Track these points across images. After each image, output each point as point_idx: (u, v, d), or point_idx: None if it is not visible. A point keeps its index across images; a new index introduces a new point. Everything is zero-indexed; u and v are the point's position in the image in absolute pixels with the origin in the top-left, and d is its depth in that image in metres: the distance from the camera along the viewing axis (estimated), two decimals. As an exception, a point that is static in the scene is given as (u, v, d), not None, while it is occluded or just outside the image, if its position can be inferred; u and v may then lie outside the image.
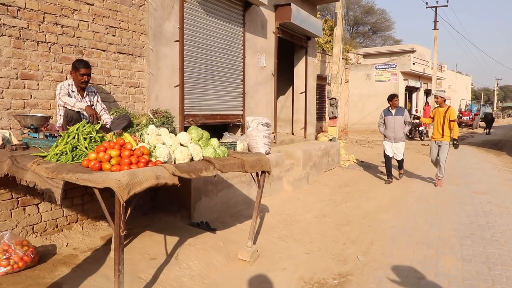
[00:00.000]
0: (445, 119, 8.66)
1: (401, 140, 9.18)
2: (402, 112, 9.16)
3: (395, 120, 9.13)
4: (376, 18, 48.92)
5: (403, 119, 9.13)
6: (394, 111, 9.17)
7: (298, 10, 9.55)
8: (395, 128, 9.12)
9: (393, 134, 9.15)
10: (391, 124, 9.17)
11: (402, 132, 9.12)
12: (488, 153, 16.04)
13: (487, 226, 5.97)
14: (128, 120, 4.53)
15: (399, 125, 9.12)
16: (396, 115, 9.14)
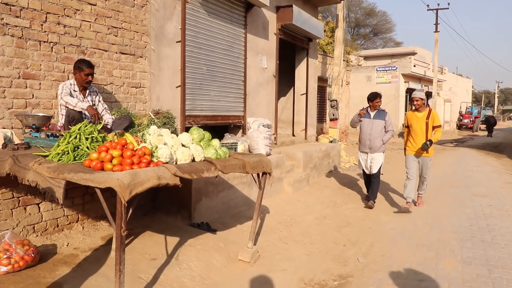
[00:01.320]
0: (428, 126, 6.90)
1: (378, 150, 7.30)
2: (383, 116, 7.34)
3: (373, 124, 7.30)
4: (377, 20, 48.97)
5: (383, 124, 7.33)
6: (373, 114, 7.39)
7: (299, 12, 9.56)
8: (371, 134, 7.30)
9: (369, 142, 7.32)
10: (367, 129, 7.37)
11: (380, 140, 7.28)
12: (489, 156, 16.04)
13: (487, 228, 5.97)
14: (129, 121, 4.53)
15: (377, 132, 7.29)
16: (376, 118, 7.32)
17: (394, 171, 11.07)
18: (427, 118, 6.90)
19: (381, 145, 7.29)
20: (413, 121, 7.03)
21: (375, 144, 7.28)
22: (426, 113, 6.99)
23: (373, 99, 7.37)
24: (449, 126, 36.15)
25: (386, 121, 7.31)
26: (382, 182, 8.43)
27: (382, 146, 7.31)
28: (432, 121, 6.89)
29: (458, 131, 35.14)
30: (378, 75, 25.65)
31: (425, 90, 29.26)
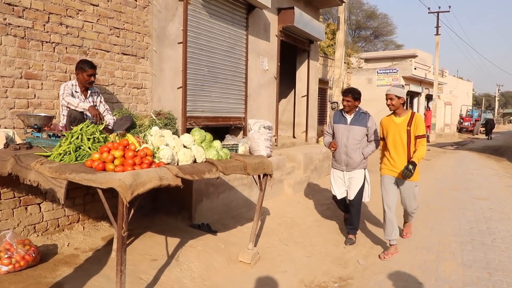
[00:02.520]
0: (411, 135, 4.92)
1: (358, 167, 5.45)
2: (364, 120, 5.42)
3: (350, 132, 5.39)
4: (378, 22, 48.98)
5: (364, 131, 5.41)
6: (350, 118, 5.44)
7: (301, 14, 9.58)
8: (347, 146, 5.40)
9: (345, 156, 5.44)
10: (342, 138, 5.44)
11: (359, 153, 5.42)
12: (489, 159, 16.04)
13: (488, 231, 5.97)
14: (131, 121, 4.54)
15: (356, 142, 5.39)
16: (354, 124, 5.40)
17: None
18: (408, 125, 4.91)
19: (362, 160, 5.45)
20: (390, 128, 5.06)
21: (353, 158, 5.40)
22: (407, 118, 4.96)
23: (343, 96, 5.47)
24: (450, 129, 36.13)
25: (369, 127, 5.41)
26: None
27: (363, 162, 5.49)
28: (415, 129, 4.91)
29: (458, 134, 35.14)
30: (378, 77, 25.64)
31: (426, 93, 29.33)
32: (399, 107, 4.97)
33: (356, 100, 5.40)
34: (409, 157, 4.93)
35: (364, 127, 5.41)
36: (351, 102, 5.37)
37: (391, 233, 4.96)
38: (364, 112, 5.51)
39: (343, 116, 5.49)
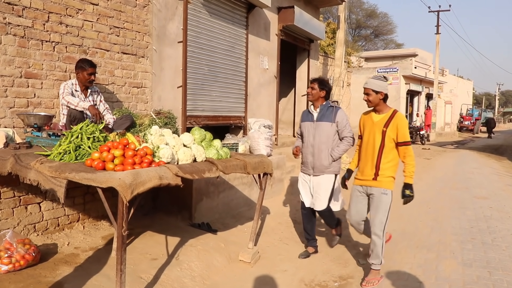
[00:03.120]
0: (385, 138, 4.03)
1: (326, 171, 4.61)
2: (330, 115, 4.59)
3: (317, 130, 4.62)
4: (378, 21, 48.95)
5: (334, 128, 4.60)
6: (317, 113, 4.66)
7: (301, 13, 9.57)
8: (314, 146, 4.62)
9: (312, 158, 4.65)
10: (308, 137, 4.69)
11: (327, 155, 4.59)
12: (489, 158, 16.03)
13: (488, 231, 5.97)
14: (131, 120, 4.53)
15: (323, 141, 4.58)
16: (320, 120, 4.61)
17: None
18: (385, 126, 4.01)
19: (330, 162, 4.59)
20: (366, 127, 4.25)
21: (320, 160, 4.59)
22: (386, 116, 4.07)
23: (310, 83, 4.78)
24: (450, 128, 36.13)
25: (338, 122, 4.57)
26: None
27: (333, 165, 4.62)
28: (394, 132, 3.97)
29: (458, 133, 35.13)
30: (379, 76, 25.59)
31: (426, 92, 29.31)
32: (378, 103, 4.11)
33: (322, 90, 4.60)
34: (377, 167, 4.08)
35: (333, 123, 4.58)
36: (316, 90, 4.61)
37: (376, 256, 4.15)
38: (332, 106, 4.66)
39: (310, 113, 4.74)
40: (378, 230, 4.05)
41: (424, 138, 22.17)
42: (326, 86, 4.66)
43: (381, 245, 4.07)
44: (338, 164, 4.70)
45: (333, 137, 4.63)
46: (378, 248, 4.07)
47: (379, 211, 4.06)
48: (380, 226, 4.04)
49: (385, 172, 4.08)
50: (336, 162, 4.67)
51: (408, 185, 4.07)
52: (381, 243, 4.06)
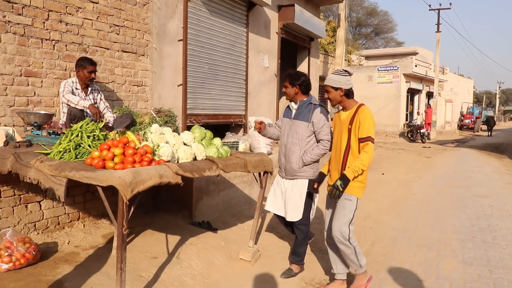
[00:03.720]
0: (351, 136, 3.63)
1: (298, 175, 4.12)
2: (307, 115, 4.09)
3: (291, 128, 4.18)
4: (378, 20, 48.93)
5: (309, 129, 4.08)
6: (295, 110, 4.23)
7: (301, 11, 9.56)
8: (286, 145, 4.20)
9: (284, 158, 4.22)
10: (283, 135, 4.28)
11: (298, 158, 4.09)
12: (490, 156, 16.02)
13: (489, 229, 5.96)
14: (131, 119, 4.53)
15: (296, 141, 4.12)
16: (296, 118, 4.16)
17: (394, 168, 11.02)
18: (350, 123, 3.64)
19: (301, 167, 4.09)
20: (336, 127, 3.88)
21: (290, 163, 4.12)
22: (351, 112, 3.68)
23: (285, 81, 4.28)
24: (450, 126, 36.12)
25: (314, 123, 4.04)
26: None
27: (305, 169, 4.10)
28: (356, 127, 3.58)
29: (459, 132, 35.12)
30: (379, 75, 25.63)
31: (426, 90, 29.27)
32: (340, 100, 3.73)
33: (295, 86, 4.14)
34: (342, 169, 3.65)
35: (308, 123, 4.07)
36: (288, 88, 4.19)
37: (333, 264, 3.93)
38: (311, 103, 4.15)
39: (290, 110, 4.30)
40: (341, 238, 3.59)
41: (424, 137, 22.17)
42: (298, 80, 4.14)
43: (353, 252, 3.64)
44: (312, 169, 4.13)
45: (307, 139, 4.10)
46: (350, 256, 3.67)
47: (340, 217, 3.61)
48: (343, 234, 3.58)
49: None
50: (310, 167, 4.11)
51: (344, 177, 3.50)
52: (351, 251, 3.63)
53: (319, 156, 4.08)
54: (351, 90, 3.73)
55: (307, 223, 4.21)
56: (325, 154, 4.10)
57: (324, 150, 4.05)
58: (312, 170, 4.13)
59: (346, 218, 3.59)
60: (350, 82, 3.73)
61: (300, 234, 4.22)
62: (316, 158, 4.09)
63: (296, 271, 4.27)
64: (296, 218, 4.11)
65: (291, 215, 4.14)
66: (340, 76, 3.73)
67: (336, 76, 3.73)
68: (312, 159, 4.06)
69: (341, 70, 3.74)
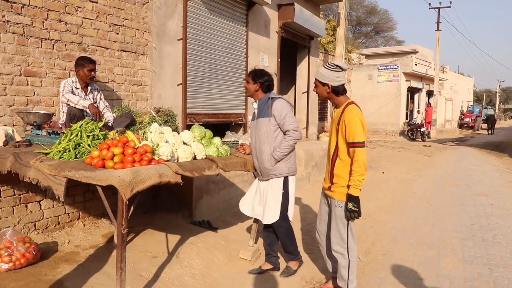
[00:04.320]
0: (339, 137, 3.42)
1: (272, 174, 4.00)
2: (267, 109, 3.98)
3: (256, 128, 4.09)
4: (378, 18, 48.89)
5: (273, 124, 3.96)
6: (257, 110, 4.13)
7: (301, 10, 9.55)
8: (256, 147, 4.10)
9: (256, 160, 4.10)
10: (252, 138, 4.21)
11: (269, 157, 3.95)
12: (490, 155, 16.02)
13: (489, 228, 5.96)
14: (130, 118, 4.52)
15: (264, 140, 4.00)
16: (259, 116, 4.06)
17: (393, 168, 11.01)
18: (338, 123, 3.42)
19: (273, 164, 3.95)
20: (331, 125, 3.64)
21: (263, 163, 4.01)
22: (340, 111, 3.45)
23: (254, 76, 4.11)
24: (451, 125, 36.11)
25: (275, 116, 3.92)
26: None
27: (278, 166, 3.97)
28: (343, 129, 3.34)
29: (459, 130, 35.12)
30: (379, 73, 25.62)
31: (427, 89, 29.25)
32: (328, 96, 3.50)
33: (257, 83, 4.03)
34: (331, 173, 3.48)
35: (270, 117, 3.95)
36: (250, 84, 4.07)
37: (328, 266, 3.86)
38: (272, 98, 4.01)
39: (254, 112, 4.17)
40: (338, 247, 3.48)
41: (424, 135, 22.17)
42: (261, 78, 4.03)
43: (347, 266, 3.45)
44: (286, 164, 3.99)
45: (273, 134, 3.96)
46: (342, 269, 3.49)
47: (334, 226, 3.49)
48: (340, 242, 3.46)
49: (340, 180, 3.40)
50: (284, 162, 3.98)
51: (351, 197, 3.30)
52: (345, 264, 3.46)
53: (288, 148, 3.93)
54: (341, 87, 3.44)
55: (284, 224, 4.10)
56: (295, 143, 3.97)
57: (292, 140, 3.90)
58: (286, 166, 4.00)
59: (343, 226, 3.45)
60: (340, 78, 3.42)
61: (281, 234, 4.15)
62: (287, 151, 3.94)
63: (295, 268, 4.24)
64: (272, 220, 4.03)
65: (267, 217, 4.04)
66: (329, 70, 3.43)
67: (325, 71, 3.44)
68: (283, 153, 3.92)
69: (333, 64, 3.44)
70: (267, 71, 4.15)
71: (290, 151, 3.98)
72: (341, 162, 3.41)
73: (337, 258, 3.52)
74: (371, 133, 24.70)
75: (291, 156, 4.05)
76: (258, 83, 4.04)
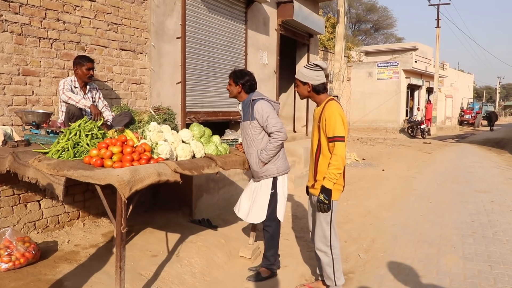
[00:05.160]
0: (320, 135, 3.47)
1: (261, 175, 3.97)
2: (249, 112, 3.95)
3: (243, 131, 4.09)
4: (378, 15, 48.79)
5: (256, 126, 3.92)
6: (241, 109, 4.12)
7: (300, 7, 9.53)
8: (245, 148, 4.11)
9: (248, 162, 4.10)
10: (242, 140, 4.20)
11: (257, 160, 3.94)
12: (490, 152, 16.01)
13: (489, 224, 5.96)
14: (129, 117, 4.51)
15: (249, 142, 4.00)
16: (243, 120, 4.05)
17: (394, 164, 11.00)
18: (319, 120, 3.48)
19: (262, 166, 3.93)
20: (313, 124, 3.72)
21: (252, 165, 4.01)
22: (320, 108, 3.50)
23: None
24: (451, 122, 36.09)
25: (258, 119, 3.87)
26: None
27: (266, 168, 3.93)
28: (323, 125, 3.40)
29: (459, 127, 35.10)
30: (379, 70, 25.59)
31: (426, 86, 29.22)
32: (309, 95, 3.57)
33: (238, 85, 3.99)
34: (315, 170, 3.52)
35: (251, 121, 3.91)
36: (232, 86, 4.04)
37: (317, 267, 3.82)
38: (252, 99, 3.97)
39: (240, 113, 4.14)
40: (321, 245, 3.52)
41: (424, 132, 22.17)
42: (242, 79, 4.00)
43: (331, 263, 3.48)
44: (274, 165, 3.95)
45: (259, 137, 3.92)
46: (326, 267, 3.51)
47: (318, 224, 3.52)
48: (323, 240, 3.49)
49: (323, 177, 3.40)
50: (272, 163, 3.93)
51: (324, 188, 3.32)
52: (329, 261, 3.49)
53: (274, 150, 3.87)
54: (321, 86, 3.49)
55: (272, 225, 4.05)
56: (281, 144, 3.91)
57: (277, 141, 3.84)
58: (275, 167, 3.96)
59: (326, 223, 3.47)
60: (320, 77, 3.48)
61: (266, 235, 4.11)
62: (273, 153, 3.88)
63: (264, 275, 4.07)
64: (258, 219, 4.02)
65: (252, 216, 4.04)
66: (309, 70, 3.50)
67: (305, 70, 3.51)
68: (269, 155, 3.87)
69: (312, 64, 3.52)
70: (247, 71, 4.09)
71: (277, 152, 3.93)
72: (325, 158, 3.43)
73: (320, 257, 3.55)
74: (371, 130, 24.69)
75: (279, 156, 3.99)
76: (239, 84, 3.99)
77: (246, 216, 4.12)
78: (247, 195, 4.19)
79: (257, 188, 4.04)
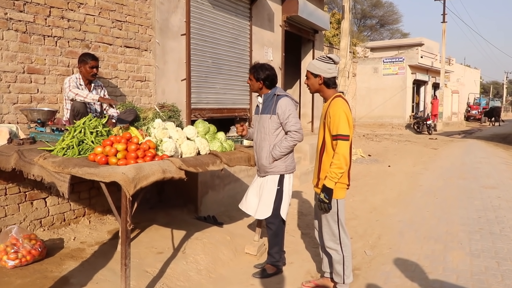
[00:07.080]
0: (325, 132, 3.42)
1: (269, 171, 3.94)
2: (271, 106, 3.91)
3: (259, 124, 4.02)
4: (383, 11, 48.55)
5: (275, 122, 3.88)
6: (261, 104, 4.06)
7: (305, 3, 9.48)
8: (256, 142, 4.05)
9: (256, 155, 4.08)
10: (254, 133, 4.14)
11: (268, 155, 3.90)
12: (497, 147, 15.90)
13: (496, 220, 5.91)
14: (134, 114, 4.51)
15: (265, 136, 3.93)
16: (263, 112, 3.99)
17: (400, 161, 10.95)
18: (324, 116, 3.43)
19: (271, 162, 3.90)
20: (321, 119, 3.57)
21: (261, 159, 3.96)
22: (327, 105, 3.46)
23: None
24: (457, 117, 35.87)
25: (279, 114, 3.84)
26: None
27: (276, 164, 3.91)
28: (328, 122, 3.35)
29: (466, 123, 34.88)
30: (384, 66, 25.48)
31: (432, 82, 29.04)
32: (319, 88, 3.48)
33: (259, 81, 3.95)
34: (319, 168, 3.49)
35: (272, 115, 3.87)
36: (253, 81, 4.00)
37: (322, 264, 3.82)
38: (276, 94, 3.95)
39: (258, 105, 4.13)
40: (331, 243, 3.50)
41: (431, 128, 22.04)
42: (262, 74, 3.94)
43: (341, 261, 3.47)
44: (284, 162, 3.93)
45: (275, 133, 3.90)
46: (336, 265, 3.50)
47: (325, 222, 3.50)
48: (332, 238, 3.48)
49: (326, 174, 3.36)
50: (282, 161, 3.91)
51: (325, 187, 3.29)
52: (340, 259, 3.47)
53: (288, 148, 3.87)
54: (332, 80, 3.45)
55: (275, 222, 4.01)
56: (295, 145, 3.91)
57: (293, 141, 3.84)
58: (284, 164, 3.94)
59: (333, 222, 3.45)
60: (332, 70, 3.44)
61: (270, 232, 4.08)
62: (286, 151, 3.88)
63: (270, 272, 4.05)
64: (264, 215, 4.01)
65: (260, 212, 4.03)
66: (322, 62, 3.44)
67: (318, 62, 3.45)
68: (282, 152, 3.85)
69: (325, 57, 3.47)
70: (268, 65, 4.03)
71: (290, 152, 3.93)
72: (328, 156, 3.37)
73: (331, 254, 3.52)
74: (377, 126, 24.61)
75: (290, 154, 3.99)
76: (260, 81, 3.96)
77: (254, 212, 4.11)
78: (254, 191, 4.17)
79: (263, 184, 4.01)
